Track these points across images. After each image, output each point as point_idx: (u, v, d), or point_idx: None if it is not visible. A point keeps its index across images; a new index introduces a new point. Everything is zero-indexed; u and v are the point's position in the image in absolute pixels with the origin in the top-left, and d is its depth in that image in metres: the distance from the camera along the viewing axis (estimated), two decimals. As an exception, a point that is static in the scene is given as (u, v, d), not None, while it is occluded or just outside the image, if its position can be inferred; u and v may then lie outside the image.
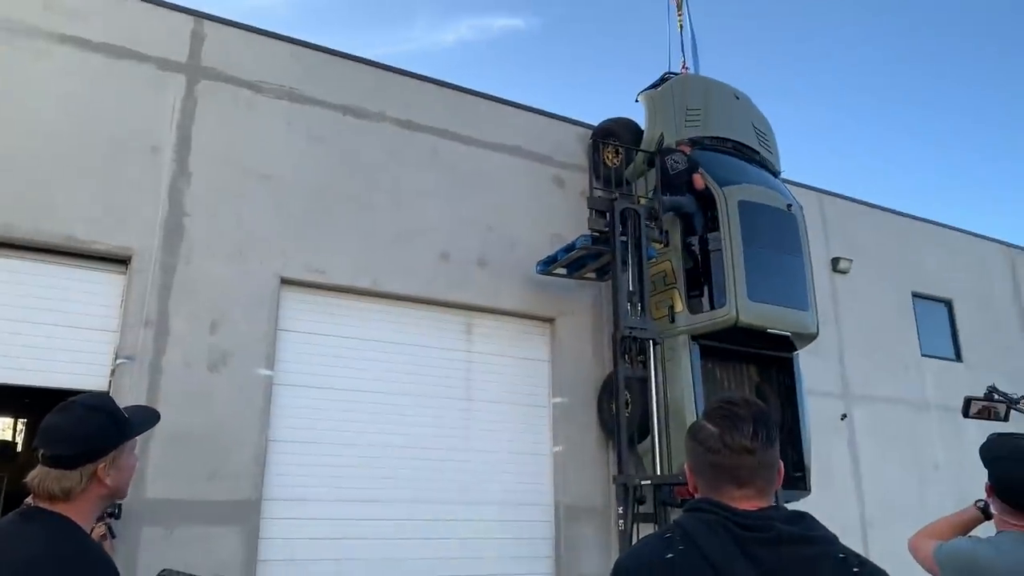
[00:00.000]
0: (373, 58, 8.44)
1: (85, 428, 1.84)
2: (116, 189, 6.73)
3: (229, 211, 7.13)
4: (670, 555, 1.50)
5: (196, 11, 7.52)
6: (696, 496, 1.65)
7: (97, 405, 1.92)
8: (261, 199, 7.31)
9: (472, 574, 7.40)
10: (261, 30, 7.85)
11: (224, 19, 7.67)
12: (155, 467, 6.20)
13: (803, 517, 1.57)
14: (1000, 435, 2.66)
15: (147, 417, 2.06)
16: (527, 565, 7.76)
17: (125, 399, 6.09)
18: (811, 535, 1.51)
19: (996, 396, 2.96)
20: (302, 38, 8.02)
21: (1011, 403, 2.92)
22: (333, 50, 8.20)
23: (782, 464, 1.63)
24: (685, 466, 1.71)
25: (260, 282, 7.08)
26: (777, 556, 1.45)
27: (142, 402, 6.14)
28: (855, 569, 1.49)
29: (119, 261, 6.71)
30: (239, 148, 7.35)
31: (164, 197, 6.90)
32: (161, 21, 7.34)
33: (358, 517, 7.03)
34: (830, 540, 1.52)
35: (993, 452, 2.61)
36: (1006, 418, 2.96)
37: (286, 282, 7.25)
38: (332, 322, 7.46)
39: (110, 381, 6.36)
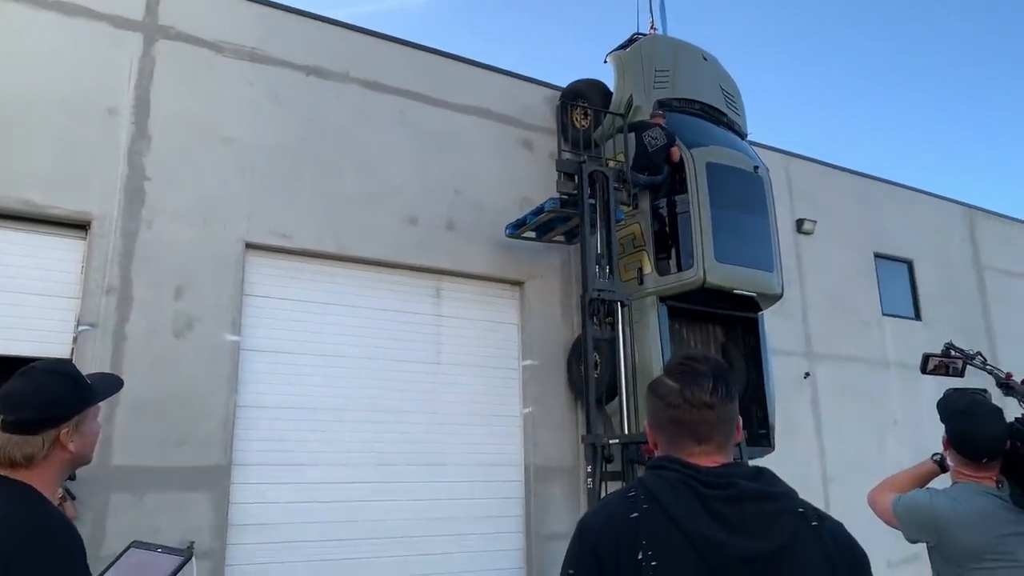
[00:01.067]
0: (339, 18, 8.25)
1: (46, 393, 1.83)
2: (72, 152, 6.55)
3: (191, 175, 6.98)
4: (635, 514, 1.51)
5: (151, -34, 7.27)
6: (656, 453, 1.67)
7: (58, 370, 1.91)
8: (224, 162, 7.16)
9: (442, 534, 7.50)
10: (220, -13, 7.62)
11: (181, -25, 7.42)
12: (122, 434, 6.14)
13: (763, 473, 1.59)
14: (957, 390, 2.74)
15: (110, 383, 2.05)
16: (497, 524, 7.88)
17: (88, 367, 6.00)
18: (772, 491, 1.54)
19: (953, 352, 3.03)
20: (263, -4, 7.80)
21: (967, 359, 3.00)
22: (297, 9, 7.99)
23: (740, 419, 1.64)
24: (646, 422, 1.72)
25: (225, 247, 6.97)
26: (740, 512, 1.47)
27: (106, 370, 6.06)
28: (814, 523, 1.52)
29: (78, 226, 6.56)
30: (200, 110, 7.17)
31: (123, 160, 6.72)
32: (115, -24, 7.08)
33: (328, 480, 7.05)
34: (790, 495, 1.55)
35: (950, 407, 2.69)
36: (962, 374, 3.04)
37: (251, 247, 7.14)
38: (299, 287, 7.39)
39: (72, 349, 6.25)
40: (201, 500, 6.36)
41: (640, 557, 1.45)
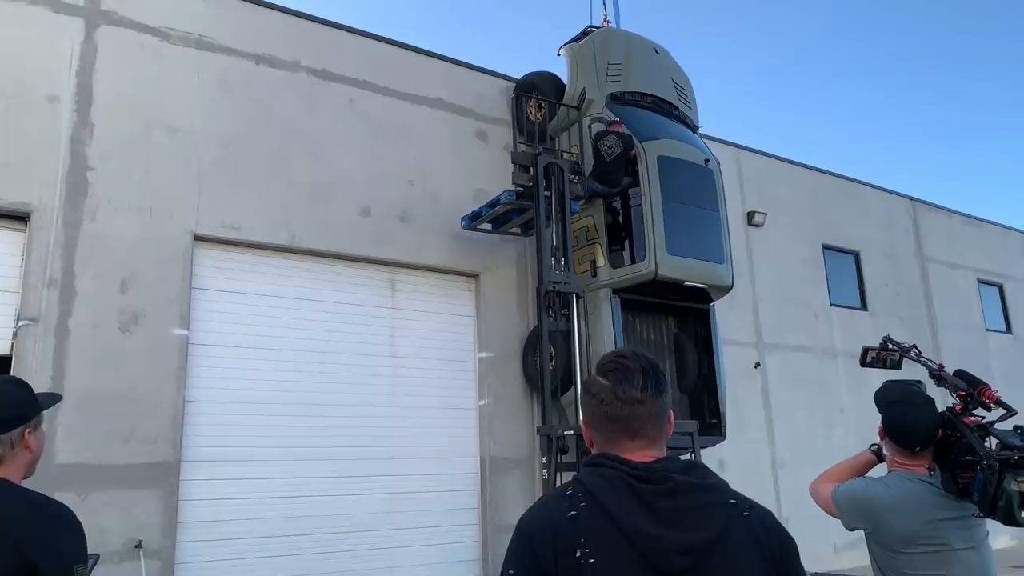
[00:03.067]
0: (287, 5, 8.09)
1: (12, 395, 2.05)
2: (10, 142, 6.33)
3: (136, 165, 6.81)
4: (573, 512, 1.53)
5: (92, -50, 7.05)
6: (593, 450, 1.69)
7: (17, 379, 2.17)
8: (170, 153, 7.00)
9: (398, 527, 7.48)
10: (165, -28, 7.42)
11: (124, -41, 7.21)
12: (66, 431, 5.98)
13: (696, 466, 1.63)
14: (893, 381, 2.82)
15: (50, 396, 2.26)
16: (453, 516, 7.89)
17: (29, 363, 5.88)
18: (704, 483, 1.57)
19: (890, 345, 3.12)
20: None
21: (903, 351, 3.09)
22: (244, -5, 7.83)
23: (672, 413, 1.68)
24: (581, 421, 1.75)
25: (172, 239, 6.82)
26: (675, 506, 1.51)
27: (48, 365, 6.00)
28: (745, 513, 1.57)
29: (17, 218, 6.35)
30: (145, 98, 6.99)
31: (64, 150, 6.53)
32: (54, -40, 6.85)
33: (281, 475, 6.98)
34: (720, 487, 1.59)
35: (886, 397, 2.77)
36: (899, 366, 3.13)
37: (200, 239, 7.00)
38: (250, 280, 7.28)
39: (12, 344, 6.06)
40: (149, 498, 6.24)
41: (579, 555, 1.47)
